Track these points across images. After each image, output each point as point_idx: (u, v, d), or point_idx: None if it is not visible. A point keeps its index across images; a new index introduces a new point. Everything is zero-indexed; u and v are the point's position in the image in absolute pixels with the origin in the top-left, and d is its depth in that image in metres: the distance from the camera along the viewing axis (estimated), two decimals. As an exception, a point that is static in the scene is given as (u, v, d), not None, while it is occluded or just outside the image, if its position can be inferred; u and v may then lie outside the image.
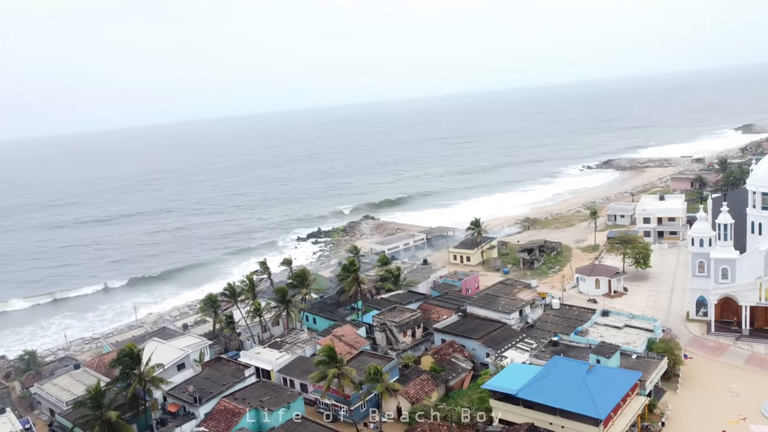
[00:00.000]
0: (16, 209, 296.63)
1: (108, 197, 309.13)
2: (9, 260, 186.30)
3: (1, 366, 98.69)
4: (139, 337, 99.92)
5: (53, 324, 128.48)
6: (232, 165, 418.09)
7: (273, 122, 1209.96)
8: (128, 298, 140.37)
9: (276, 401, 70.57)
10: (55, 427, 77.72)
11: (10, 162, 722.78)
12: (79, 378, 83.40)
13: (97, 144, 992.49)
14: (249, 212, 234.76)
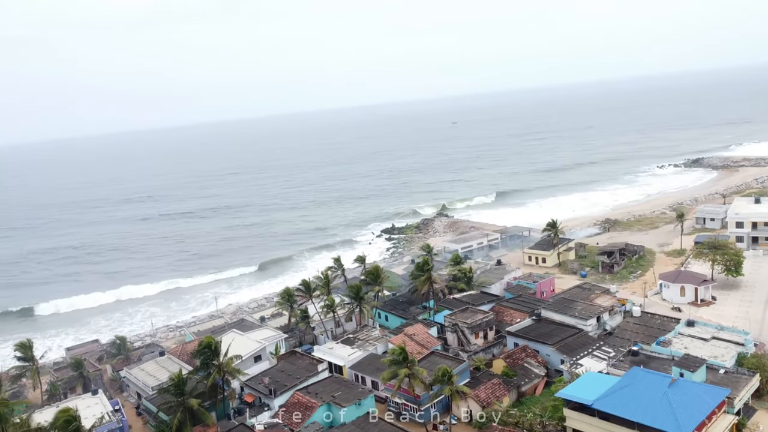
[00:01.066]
0: (105, 201, 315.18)
1: (189, 191, 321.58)
2: (98, 251, 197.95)
3: (95, 349, 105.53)
4: (219, 328, 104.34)
5: (139, 312, 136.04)
6: (308, 161, 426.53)
7: (342, 118, 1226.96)
8: (209, 289, 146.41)
9: (348, 397, 71.75)
10: (141, 410, 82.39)
11: (107, 155, 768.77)
12: (163, 365, 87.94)
13: (186, 138, 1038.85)
14: (324, 208, 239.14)
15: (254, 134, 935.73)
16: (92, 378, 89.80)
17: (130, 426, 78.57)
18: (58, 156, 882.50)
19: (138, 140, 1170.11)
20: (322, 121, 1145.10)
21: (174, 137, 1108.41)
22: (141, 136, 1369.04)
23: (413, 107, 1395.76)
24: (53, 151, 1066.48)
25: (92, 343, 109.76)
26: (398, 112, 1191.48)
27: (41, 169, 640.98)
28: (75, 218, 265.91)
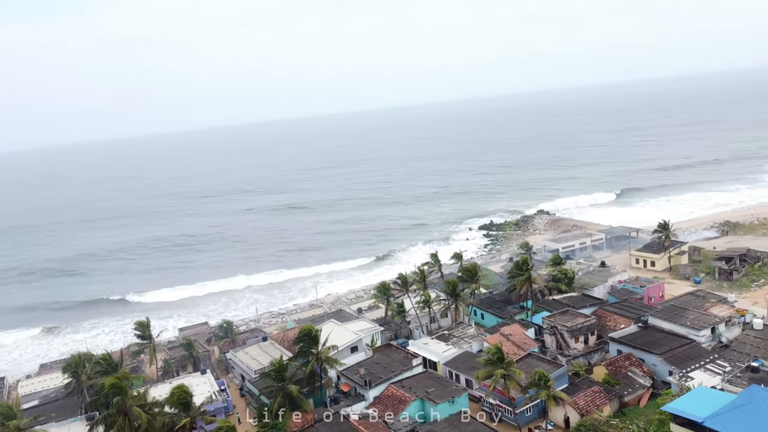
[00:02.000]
0: (212, 193, 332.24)
1: (291, 185, 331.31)
2: (207, 241, 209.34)
3: (204, 331, 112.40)
4: (318, 317, 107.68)
5: (244, 298, 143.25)
6: (408, 155, 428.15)
7: (445, 111, 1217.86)
8: (309, 279, 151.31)
9: (441, 394, 71.69)
10: (244, 391, 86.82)
11: (219, 148, 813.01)
12: (266, 349, 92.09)
13: (289, 132, 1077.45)
14: (421, 203, 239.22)
15: (357, 127, 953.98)
16: (201, 358, 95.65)
17: (234, 406, 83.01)
18: (174, 148, 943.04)
19: (250, 132, 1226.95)
20: (426, 115, 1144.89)
21: (284, 131, 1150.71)
22: (254, 129, 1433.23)
23: (520, 101, 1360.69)
24: (168, 144, 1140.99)
25: (202, 326, 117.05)
26: (503, 106, 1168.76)
27: (161, 161, 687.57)
28: (185, 209, 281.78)
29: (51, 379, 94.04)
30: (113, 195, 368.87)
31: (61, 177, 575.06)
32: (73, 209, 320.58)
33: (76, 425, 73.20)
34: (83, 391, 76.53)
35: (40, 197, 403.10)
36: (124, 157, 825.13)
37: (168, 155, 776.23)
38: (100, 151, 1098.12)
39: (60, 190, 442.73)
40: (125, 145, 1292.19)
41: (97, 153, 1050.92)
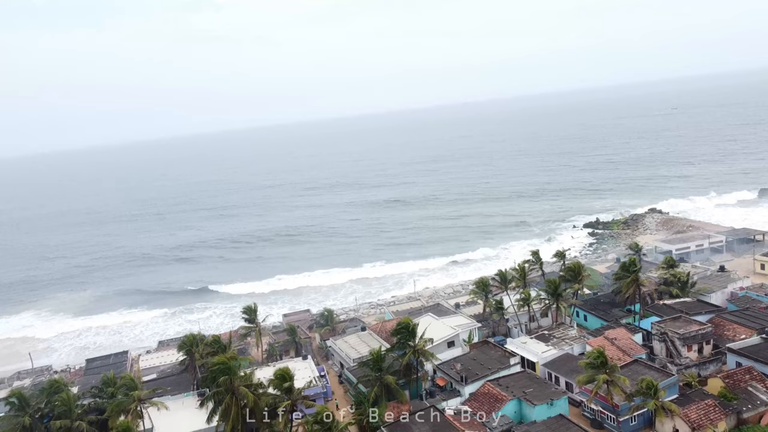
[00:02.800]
0: (316, 186, 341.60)
1: (389, 179, 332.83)
2: (308, 232, 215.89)
3: (306, 318, 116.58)
4: (415, 310, 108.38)
5: (343, 288, 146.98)
6: (507, 150, 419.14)
7: (542, 103, 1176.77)
8: (406, 272, 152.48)
9: (539, 395, 69.93)
10: (342, 379, 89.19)
11: (319, 141, 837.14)
12: (364, 339, 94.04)
13: (385, 126, 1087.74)
14: (523, 199, 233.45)
15: (457, 120, 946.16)
16: (303, 344, 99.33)
17: (333, 392, 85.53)
18: (275, 141, 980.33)
19: (346, 126, 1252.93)
20: (522, 108, 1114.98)
21: (376, 125, 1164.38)
22: (349, 122, 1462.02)
23: (624, 92, 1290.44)
24: (269, 134, 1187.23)
25: (304, 313, 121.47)
26: (604, 98, 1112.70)
27: (262, 153, 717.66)
28: (289, 202, 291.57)
29: (167, 356, 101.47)
30: (224, 186, 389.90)
31: (175, 166, 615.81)
32: (190, 199, 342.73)
33: (188, 400, 78.57)
34: (196, 368, 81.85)
35: (161, 186, 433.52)
36: (227, 149, 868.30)
37: (270, 147, 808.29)
38: (206, 144, 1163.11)
39: (176, 179, 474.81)
40: (224, 138, 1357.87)
41: (204, 145, 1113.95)
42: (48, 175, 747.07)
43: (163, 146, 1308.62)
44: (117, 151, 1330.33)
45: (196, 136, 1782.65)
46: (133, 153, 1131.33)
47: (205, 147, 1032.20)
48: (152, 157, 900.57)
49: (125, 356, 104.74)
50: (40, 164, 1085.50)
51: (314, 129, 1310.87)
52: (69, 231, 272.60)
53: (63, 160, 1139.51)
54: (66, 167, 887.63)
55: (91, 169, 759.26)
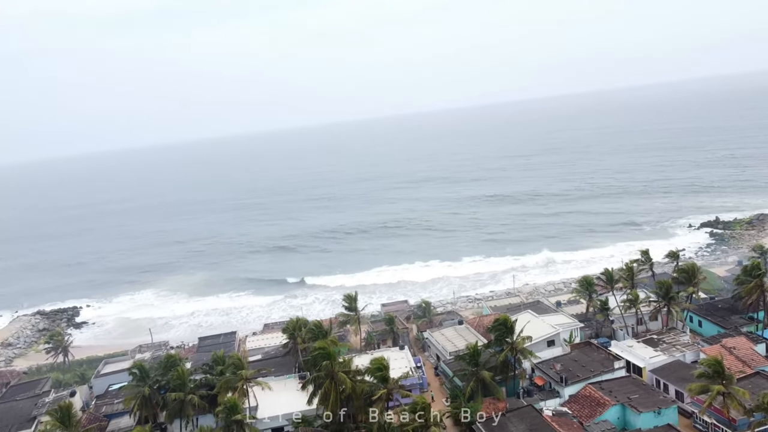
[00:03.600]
0: (412, 179, 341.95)
1: (490, 174, 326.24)
2: (408, 226, 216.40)
3: (404, 309, 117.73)
4: (514, 306, 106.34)
5: (441, 280, 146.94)
6: (617, 145, 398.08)
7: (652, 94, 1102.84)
8: (506, 267, 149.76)
9: (646, 402, 66.38)
10: (438, 371, 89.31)
11: (442, 131, 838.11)
12: (461, 333, 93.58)
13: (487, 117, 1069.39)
14: (631, 196, 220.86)
15: (562, 112, 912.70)
16: (400, 334, 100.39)
17: (429, 384, 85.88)
18: (383, 132, 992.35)
19: (454, 117, 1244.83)
20: (636, 98, 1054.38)
21: (481, 116, 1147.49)
22: (458, 114, 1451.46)
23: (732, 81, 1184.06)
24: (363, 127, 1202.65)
25: (402, 303, 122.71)
26: (719, 88, 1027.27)
27: (368, 144, 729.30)
28: (389, 195, 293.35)
29: (272, 338, 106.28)
30: (328, 177, 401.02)
31: (288, 157, 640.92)
32: (297, 190, 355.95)
33: (290, 381, 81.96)
34: (298, 351, 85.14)
35: (283, 176, 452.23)
36: (338, 140, 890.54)
37: (384, 136, 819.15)
38: (318, 134, 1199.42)
39: (284, 170, 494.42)
40: (333, 130, 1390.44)
41: (335, 134, 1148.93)
42: (183, 163, 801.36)
43: (291, 136, 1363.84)
44: (245, 141, 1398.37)
45: (323, 126, 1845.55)
46: (260, 142, 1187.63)
47: (335, 136, 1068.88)
48: (276, 147, 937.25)
49: (233, 336, 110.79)
50: (180, 153, 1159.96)
51: (429, 120, 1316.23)
52: (184, 218, 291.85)
53: (194, 150, 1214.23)
54: (197, 156, 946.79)
55: (219, 158, 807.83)
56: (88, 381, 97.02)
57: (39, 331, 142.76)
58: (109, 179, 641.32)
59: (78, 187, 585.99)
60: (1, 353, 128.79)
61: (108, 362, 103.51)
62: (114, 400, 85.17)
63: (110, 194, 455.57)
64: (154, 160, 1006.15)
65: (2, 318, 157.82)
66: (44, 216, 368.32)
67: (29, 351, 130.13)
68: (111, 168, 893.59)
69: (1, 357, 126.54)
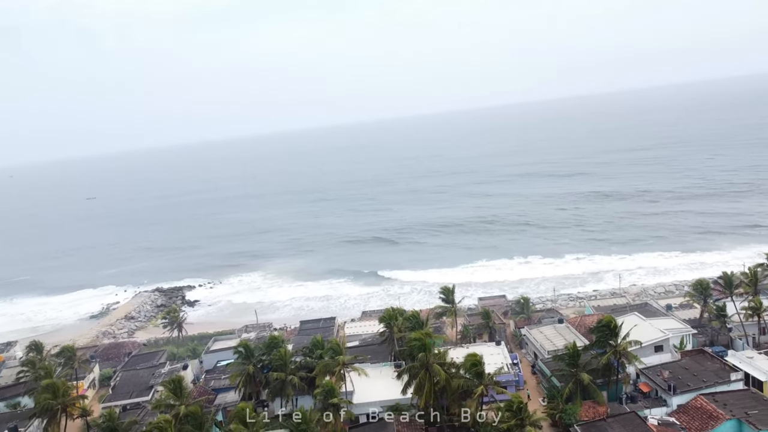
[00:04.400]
0: (521, 173, 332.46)
1: (602, 169, 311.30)
2: (505, 225, 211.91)
3: (501, 304, 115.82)
4: (620, 307, 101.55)
5: (541, 277, 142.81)
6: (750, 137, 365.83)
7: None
8: (608, 266, 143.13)
9: (765, 419, 61.15)
10: (536, 369, 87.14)
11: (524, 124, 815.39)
12: (560, 332, 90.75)
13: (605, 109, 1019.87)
14: (759, 196, 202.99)
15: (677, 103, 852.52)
16: (497, 329, 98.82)
17: (525, 381, 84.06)
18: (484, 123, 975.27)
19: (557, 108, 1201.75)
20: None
21: (590, 107, 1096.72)
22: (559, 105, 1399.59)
23: None
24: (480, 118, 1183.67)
25: (500, 298, 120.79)
26: None
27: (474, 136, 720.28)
28: (486, 189, 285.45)
29: (369, 326, 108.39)
30: (426, 168, 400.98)
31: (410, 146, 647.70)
32: (392, 180, 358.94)
33: (386, 369, 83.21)
34: (394, 341, 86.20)
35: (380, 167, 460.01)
36: (419, 133, 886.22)
37: (481, 129, 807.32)
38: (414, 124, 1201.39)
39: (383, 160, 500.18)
40: (411, 123, 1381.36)
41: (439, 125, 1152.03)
42: (288, 152, 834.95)
43: (393, 126, 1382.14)
44: (345, 130, 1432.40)
45: (399, 120, 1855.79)
46: (358, 133, 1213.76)
47: (415, 129, 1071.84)
48: (374, 138, 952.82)
49: (333, 322, 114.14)
50: (280, 142, 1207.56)
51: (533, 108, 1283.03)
52: (284, 207, 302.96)
53: (291, 139, 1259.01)
54: (286, 147, 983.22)
55: (315, 147, 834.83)
56: (199, 356, 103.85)
57: (157, 307, 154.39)
58: (204, 169, 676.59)
59: (173, 176, 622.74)
60: (125, 325, 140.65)
61: (217, 339, 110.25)
62: (221, 376, 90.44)
63: (209, 184, 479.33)
64: (260, 149, 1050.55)
65: (126, 293, 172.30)
66: (151, 203, 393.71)
67: (148, 325, 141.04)
68: (208, 158, 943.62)
69: (125, 329, 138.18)
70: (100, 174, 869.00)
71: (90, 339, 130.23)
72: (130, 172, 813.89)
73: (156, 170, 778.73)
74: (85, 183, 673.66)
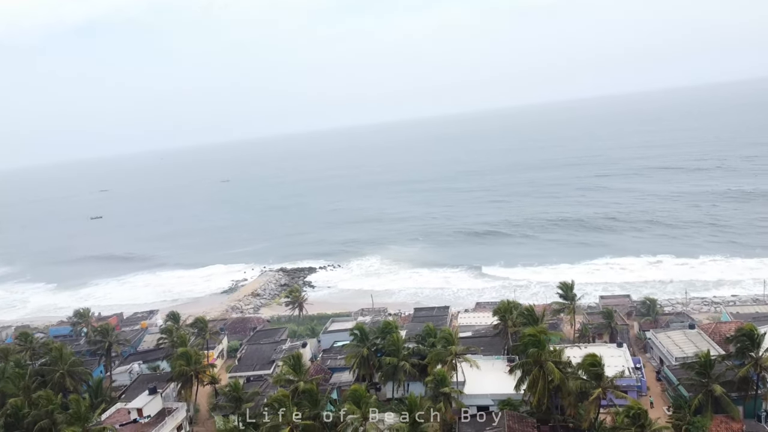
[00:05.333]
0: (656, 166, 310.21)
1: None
2: (635, 222, 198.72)
3: (625, 304, 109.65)
4: (762, 315, 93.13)
5: (670, 277, 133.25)
6: None
7: None
8: (748, 270, 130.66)
9: None
10: (661, 376, 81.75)
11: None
12: (691, 338, 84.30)
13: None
14: None
15: None
16: (619, 330, 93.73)
17: (648, 388, 79.17)
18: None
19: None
20: None
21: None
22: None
23: None
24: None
25: (623, 298, 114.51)
26: None
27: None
28: (606, 184, 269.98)
29: (482, 317, 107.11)
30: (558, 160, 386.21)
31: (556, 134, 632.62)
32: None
33: (498, 363, 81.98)
34: (508, 334, 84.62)
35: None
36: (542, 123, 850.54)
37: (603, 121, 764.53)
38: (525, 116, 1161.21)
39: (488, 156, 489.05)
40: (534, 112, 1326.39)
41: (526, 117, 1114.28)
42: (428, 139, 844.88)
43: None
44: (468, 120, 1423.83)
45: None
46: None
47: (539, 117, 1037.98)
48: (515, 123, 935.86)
49: (446, 311, 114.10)
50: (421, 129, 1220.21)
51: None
52: (391, 197, 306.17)
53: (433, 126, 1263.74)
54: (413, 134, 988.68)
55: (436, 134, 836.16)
56: (317, 335, 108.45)
57: (281, 286, 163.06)
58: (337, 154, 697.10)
59: (299, 163, 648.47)
60: (251, 302, 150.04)
61: (334, 320, 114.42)
62: (337, 356, 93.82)
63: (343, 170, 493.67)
64: (407, 133, 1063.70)
65: (253, 271, 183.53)
66: (283, 189, 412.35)
67: (272, 302, 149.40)
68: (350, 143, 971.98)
69: (251, 305, 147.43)
70: (239, 157, 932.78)
71: (220, 312, 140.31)
72: (275, 157, 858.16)
73: (295, 156, 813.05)
74: (220, 168, 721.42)
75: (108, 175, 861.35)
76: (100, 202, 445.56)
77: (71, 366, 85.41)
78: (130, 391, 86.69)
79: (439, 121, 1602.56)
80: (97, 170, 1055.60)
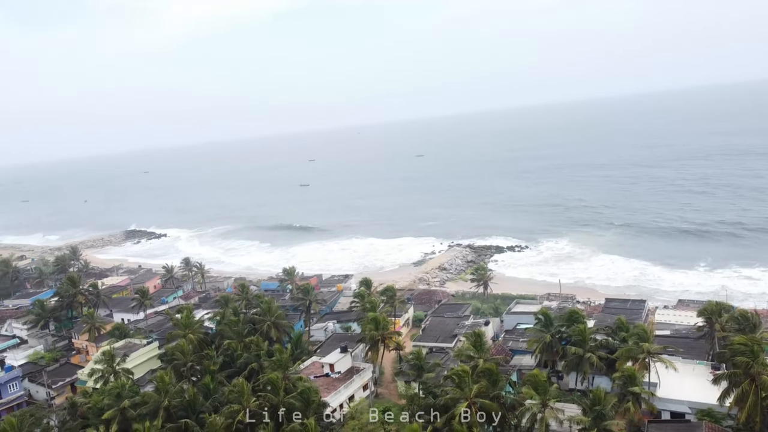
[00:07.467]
0: None
1: None
2: None
3: None
4: None
5: None
6: None
7: None
8: None
9: None
10: None
11: None
12: None
13: None
14: None
15: None
16: None
17: None
18: None
19: None
20: None
21: None
22: None
23: None
24: None
25: None
26: None
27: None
28: None
29: (685, 316, 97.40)
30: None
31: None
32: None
33: (700, 368, 74.23)
34: (714, 339, 76.19)
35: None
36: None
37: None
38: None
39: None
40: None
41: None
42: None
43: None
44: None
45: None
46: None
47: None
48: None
49: (642, 305, 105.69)
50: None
51: None
52: (541, 182, 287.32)
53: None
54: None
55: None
56: (501, 315, 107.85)
57: (467, 262, 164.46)
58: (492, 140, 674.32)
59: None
60: (438, 275, 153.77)
61: (519, 302, 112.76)
62: (519, 338, 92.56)
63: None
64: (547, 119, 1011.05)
65: (442, 245, 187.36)
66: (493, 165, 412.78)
67: (458, 278, 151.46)
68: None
69: (437, 278, 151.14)
70: (433, 132, 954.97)
71: (408, 283, 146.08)
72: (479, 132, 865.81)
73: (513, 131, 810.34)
74: (416, 142, 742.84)
75: (316, 147, 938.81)
76: (307, 173, 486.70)
77: (277, 318, 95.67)
78: (325, 347, 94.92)
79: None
80: (306, 143, 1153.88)
